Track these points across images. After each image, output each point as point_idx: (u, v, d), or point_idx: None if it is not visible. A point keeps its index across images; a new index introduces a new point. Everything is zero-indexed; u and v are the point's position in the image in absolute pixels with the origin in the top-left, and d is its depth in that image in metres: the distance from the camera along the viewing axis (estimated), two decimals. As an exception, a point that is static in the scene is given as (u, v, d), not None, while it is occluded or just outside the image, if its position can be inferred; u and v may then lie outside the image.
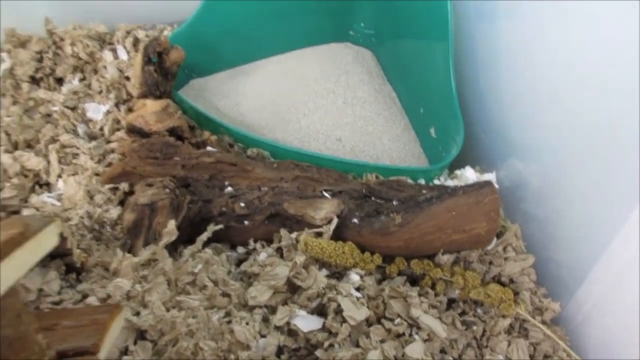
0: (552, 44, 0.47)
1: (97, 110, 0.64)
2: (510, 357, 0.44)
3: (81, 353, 0.24)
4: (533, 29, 0.50)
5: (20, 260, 0.20)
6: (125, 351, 0.37)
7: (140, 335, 0.38)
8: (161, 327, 0.38)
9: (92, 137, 0.62)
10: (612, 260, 0.41)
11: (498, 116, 0.56)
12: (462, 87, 0.59)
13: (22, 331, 0.21)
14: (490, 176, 0.55)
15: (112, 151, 0.60)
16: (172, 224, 0.45)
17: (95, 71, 0.67)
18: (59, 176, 0.57)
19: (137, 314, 0.39)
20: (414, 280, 0.48)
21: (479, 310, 0.47)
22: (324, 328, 0.42)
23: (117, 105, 0.64)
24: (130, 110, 0.65)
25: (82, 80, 0.66)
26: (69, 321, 0.26)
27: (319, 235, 0.46)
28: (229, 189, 0.51)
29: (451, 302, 0.47)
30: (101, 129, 0.63)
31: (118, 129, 0.63)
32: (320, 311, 0.43)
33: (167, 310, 0.39)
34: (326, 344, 0.41)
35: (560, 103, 0.47)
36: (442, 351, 0.44)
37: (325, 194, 0.48)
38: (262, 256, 0.47)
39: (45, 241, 0.22)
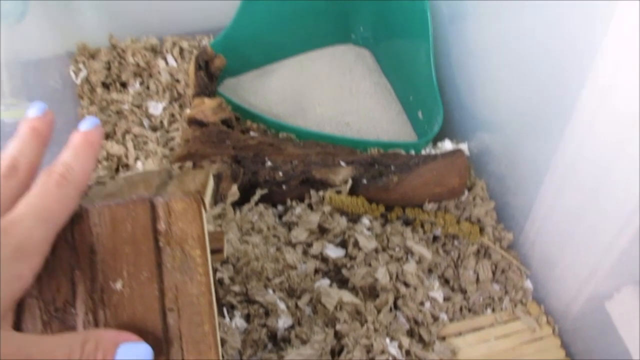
0: (509, 39, 0.63)
1: (156, 107, 0.81)
2: (477, 271, 0.62)
3: (216, 251, 0.42)
4: (494, 28, 0.66)
5: (208, 194, 0.37)
6: (215, 272, 0.55)
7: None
8: (237, 255, 0.56)
9: (154, 128, 0.80)
10: (542, 204, 0.59)
11: (469, 101, 0.74)
12: (441, 78, 0.76)
13: None
14: (463, 146, 0.72)
15: (172, 139, 0.78)
16: (234, 188, 0.62)
17: (151, 76, 0.84)
18: (137, 159, 0.74)
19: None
20: (408, 223, 0.66)
21: (455, 242, 0.65)
22: (346, 255, 0.60)
23: (171, 102, 0.82)
24: (181, 106, 0.82)
25: (141, 83, 0.83)
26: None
27: (339, 192, 0.64)
28: (269, 163, 0.69)
29: (435, 238, 0.65)
30: (161, 121, 0.80)
31: (173, 121, 0.80)
32: (343, 244, 0.61)
33: (240, 244, 0.57)
34: (348, 265, 0.59)
35: (511, 92, 0.64)
36: (430, 270, 0.63)
37: (342, 163, 0.66)
38: (298, 210, 0.65)
39: (211, 183, 0.39)
